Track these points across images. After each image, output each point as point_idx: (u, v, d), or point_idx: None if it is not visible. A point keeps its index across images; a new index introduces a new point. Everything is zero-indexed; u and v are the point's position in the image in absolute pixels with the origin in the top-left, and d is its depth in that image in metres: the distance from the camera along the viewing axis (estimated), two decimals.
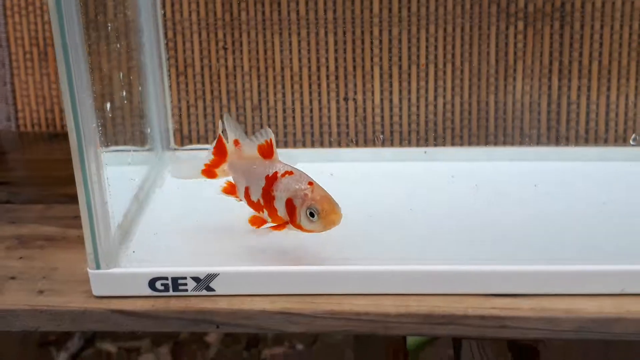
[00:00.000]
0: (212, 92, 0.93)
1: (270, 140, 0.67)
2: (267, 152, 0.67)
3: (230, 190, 0.71)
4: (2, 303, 0.65)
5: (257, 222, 0.68)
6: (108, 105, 0.70)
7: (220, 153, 0.71)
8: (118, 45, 0.76)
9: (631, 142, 0.87)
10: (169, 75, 0.89)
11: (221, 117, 0.73)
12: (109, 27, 0.74)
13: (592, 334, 0.61)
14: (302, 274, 0.64)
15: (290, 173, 0.65)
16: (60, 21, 0.58)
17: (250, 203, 0.68)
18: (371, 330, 0.63)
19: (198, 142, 0.93)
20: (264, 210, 0.67)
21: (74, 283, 0.67)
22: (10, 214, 0.81)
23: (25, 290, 0.67)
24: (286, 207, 0.64)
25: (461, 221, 0.72)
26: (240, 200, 0.70)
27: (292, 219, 0.64)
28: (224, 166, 0.71)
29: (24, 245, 0.74)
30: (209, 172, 0.72)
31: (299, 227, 0.64)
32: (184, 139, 0.93)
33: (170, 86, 0.88)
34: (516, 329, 0.62)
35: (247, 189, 0.68)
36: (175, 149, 0.88)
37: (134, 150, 0.81)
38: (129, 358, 1.45)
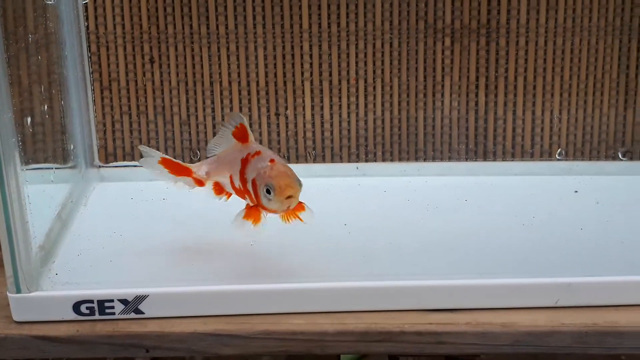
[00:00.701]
0: (138, 107, 0.90)
1: (241, 124, 0.65)
2: (241, 136, 0.65)
3: (218, 190, 0.68)
4: None
5: (252, 215, 0.63)
6: (28, 120, 0.67)
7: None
8: (39, 58, 0.73)
9: (557, 156, 0.89)
10: (93, 90, 0.86)
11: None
12: (30, 39, 0.71)
13: (528, 347, 0.61)
14: (235, 293, 0.63)
15: (259, 153, 0.63)
16: None
17: (236, 191, 0.65)
18: (308, 350, 0.62)
19: (124, 159, 0.90)
20: (246, 195, 0.64)
21: None
22: None
23: None
24: (252, 188, 0.62)
25: (395, 236, 0.72)
26: (229, 196, 0.67)
27: (257, 199, 0.62)
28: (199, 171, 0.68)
29: None
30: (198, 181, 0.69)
31: (263, 208, 0.61)
32: (108, 156, 0.90)
33: (94, 101, 0.85)
34: (453, 345, 0.61)
35: (231, 178, 0.65)
36: (100, 166, 0.85)
37: (56, 168, 0.78)
38: None
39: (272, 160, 0.62)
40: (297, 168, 0.84)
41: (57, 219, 0.72)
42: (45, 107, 0.75)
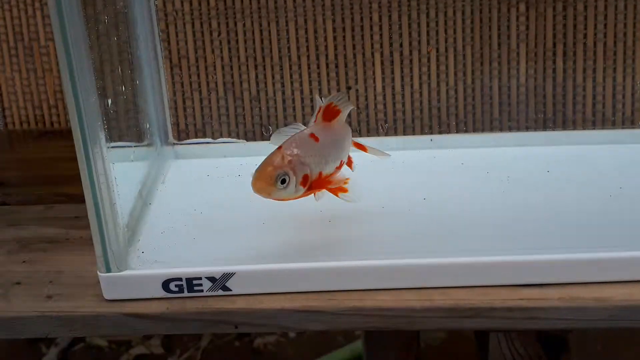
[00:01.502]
0: (208, 84, 0.90)
1: (319, 107, 0.66)
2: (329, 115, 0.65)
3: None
4: (9, 310, 0.62)
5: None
6: (109, 101, 0.67)
7: None
8: (115, 39, 0.73)
9: None
10: (164, 68, 0.86)
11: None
12: (106, 20, 0.71)
13: (623, 322, 0.60)
14: (321, 270, 0.62)
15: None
16: (61, 16, 0.55)
17: None
18: (395, 326, 0.61)
19: (195, 135, 0.90)
20: None
21: (82, 287, 0.65)
22: (8, 215, 0.78)
23: (32, 295, 0.64)
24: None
25: (478, 210, 0.70)
26: None
27: None
28: None
29: (26, 248, 0.71)
30: None
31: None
32: (180, 133, 0.90)
33: (166, 79, 0.85)
34: (545, 320, 0.60)
35: None
36: (174, 144, 0.85)
37: (135, 146, 0.78)
38: (119, 352, 1.42)
39: (279, 147, 0.62)
40: (369, 141, 0.84)
41: (139, 197, 0.73)
42: (122, 87, 0.75)
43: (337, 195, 0.64)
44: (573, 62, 0.87)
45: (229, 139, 0.87)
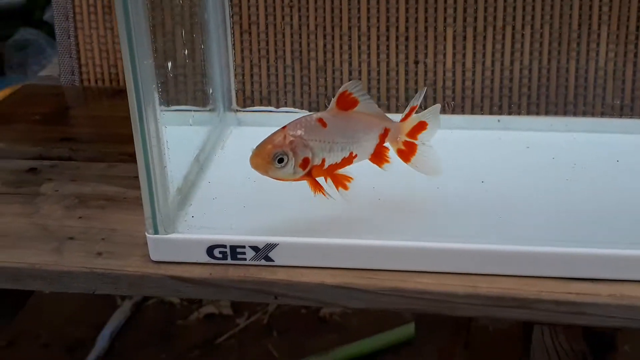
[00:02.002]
0: (276, 51, 0.89)
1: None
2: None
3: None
4: (60, 264, 0.64)
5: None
6: (169, 64, 0.68)
7: None
8: (180, 1, 0.73)
9: None
10: (232, 33, 0.86)
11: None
12: None
13: None
14: (364, 248, 0.61)
15: None
16: None
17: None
18: (436, 310, 0.60)
19: (260, 103, 0.91)
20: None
21: (132, 246, 0.66)
22: (72, 171, 0.80)
23: (83, 251, 0.66)
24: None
25: (536, 197, 0.68)
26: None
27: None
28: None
29: (84, 204, 0.73)
30: None
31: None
32: (246, 99, 0.90)
33: (233, 45, 0.85)
34: (593, 316, 0.58)
35: None
36: (237, 110, 0.85)
37: (195, 111, 0.79)
38: (190, 309, 1.47)
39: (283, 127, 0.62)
40: None
41: (195, 162, 0.74)
42: (186, 50, 0.75)
43: (336, 189, 0.63)
44: None
45: (292, 109, 0.86)
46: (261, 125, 0.84)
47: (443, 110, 0.86)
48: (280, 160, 0.60)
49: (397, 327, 1.30)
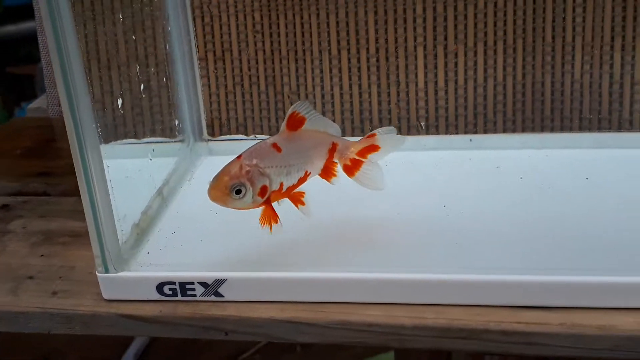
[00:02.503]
0: (250, 77, 0.89)
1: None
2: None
3: None
4: (16, 305, 0.65)
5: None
6: (119, 100, 0.68)
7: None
8: (134, 37, 0.73)
9: None
10: (199, 63, 0.86)
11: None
12: (125, 17, 0.72)
13: (629, 353, 0.54)
14: (312, 281, 0.60)
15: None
16: (54, 23, 0.55)
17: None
18: (385, 343, 0.59)
19: (237, 130, 0.90)
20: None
21: (88, 284, 0.66)
22: (44, 207, 0.81)
23: (40, 291, 0.66)
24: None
25: (496, 221, 0.66)
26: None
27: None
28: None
29: (49, 241, 0.74)
30: None
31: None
32: (222, 127, 0.90)
33: (200, 75, 0.85)
34: (544, 346, 0.56)
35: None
36: (208, 140, 0.85)
37: (162, 142, 0.79)
38: None
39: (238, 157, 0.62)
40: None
41: (158, 195, 0.74)
42: (149, 82, 0.76)
43: (297, 207, 0.63)
44: (632, 57, 0.79)
45: (264, 136, 0.86)
46: (233, 154, 0.84)
47: (417, 132, 0.86)
48: (238, 192, 0.60)
49: (377, 355, 1.28)
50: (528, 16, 0.81)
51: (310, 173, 0.64)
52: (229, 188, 0.60)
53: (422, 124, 0.84)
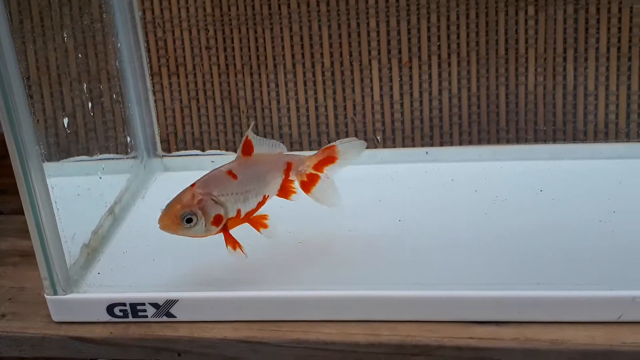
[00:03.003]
0: (205, 92, 0.88)
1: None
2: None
3: None
4: None
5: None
6: (65, 119, 0.67)
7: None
8: (84, 53, 0.72)
9: None
10: (153, 79, 0.85)
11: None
12: (74, 33, 0.70)
13: None
14: (265, 299, 0.60)
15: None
16: None
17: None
18: None
19: (193, 145, 0.89)
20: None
21: (37, 306, 0.65)
22: None
23: None
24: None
25: (448, 236, 0.66)
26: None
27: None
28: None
29: None
30: None
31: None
32: (178, 143, 0.89)
33: (154, 90, 0.84)
34: None
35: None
36: (162, 156, 0.84)
37: (115, 159, 0.78)
38: None
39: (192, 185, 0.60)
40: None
41: (109, 214, 0.72)
42: (102, 99, 0.74)
43: (258, 231, 0.62)
44: (585, 68, 0.80)
45: (219, 151, 0.85)
46: (188, 170, 0.84)
47: (373, 145, 0.85)
48: (189, 220, 0.58)
49: None
50: (481, 29, 0.82)
51: (268, 196, 0.63)
52: (179, 217, 0.58)
53: (378, 137, 0.84)
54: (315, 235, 0.68)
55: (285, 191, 0.65)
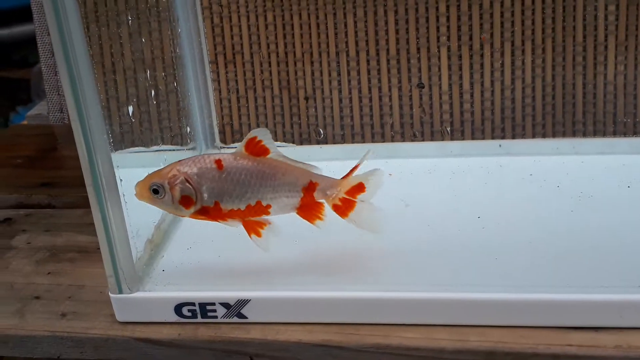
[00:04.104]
0: (263, 81, 0.84)
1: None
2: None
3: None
4: (22, 328, 0.60)
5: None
6: (130, 108, 0.63)
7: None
8: (143, 40, 0.69)
9: None
10: (210, 68, 0.81)
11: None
12: (132, 19, 0.67)
13: None
14: (343, 301, 0.56)
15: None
16: (60, 28, 0.51)
17: None
18: None
19: None
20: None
21: (99, 304, 0.62)
22: (48, 220, 0.76)
23: (48, 312, 0.62)
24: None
25: (535, 235, 0.61)
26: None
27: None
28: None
29: (55, 258, 0.69)
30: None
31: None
32: (234, 133, 0.86)
33: (212, 79, 0.81)
34: None
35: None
36: (221, 147, 0.81)
37: (175, 150, 0.74)
38: None
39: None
40: (430, 147, 0.76)
41: None
42: (160, 88, 0.71)
43: (249, 236, 0.59)
44: None
45: (280, 143, 0.82)
46: None
47: (441, 137, 0.81)
48: (155, 192, 0.58)
49: None
50: (557, 14, 0.77)
51: (271, 206, 0.59)
52: (148, 186, 0.58)
53: (447, 128, 0.80)
54: (390, 231, 0.64)
55: (307, 213, 0.60)
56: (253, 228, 0.59)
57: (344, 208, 0.60)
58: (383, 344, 0.55)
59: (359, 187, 0.60)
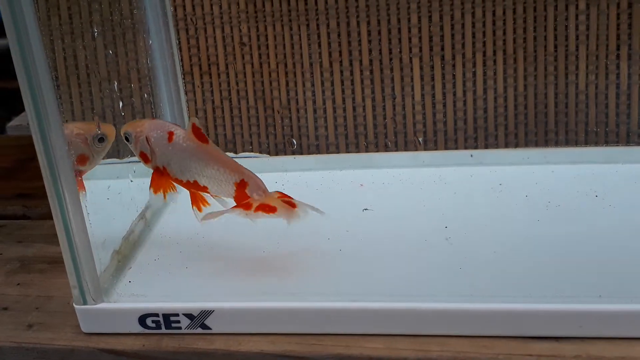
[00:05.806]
0: (238, 92, 0.85)
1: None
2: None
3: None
4: None
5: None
6: (97, 119, 0.64)
7: None
8: (123, 50, 0.69)
9: None
10: (184, 78, 0.82)
11: None
12: (104, 31, 0.68)
13: None
14: (306, 311, 0.56)
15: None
16: (19, 39, 0.51)
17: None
18: None
19: (226, 147, 0.86)
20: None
21: (65, 316, 0.62)
22: (21, 231, 0.77)
23: (15, 323, 0.62)
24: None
25: (501, 245, 0.61)
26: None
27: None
28: None
29: (25, 268, 0.69)
30: None
31: None
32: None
33: (185, 90, 0.81)
34: None
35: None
36: None
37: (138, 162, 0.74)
38: None
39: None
40: (403, 157, 0.77)
41: (140, 219, 0.69)
42: (132, 99, 0.71)
43: (192, 207, 0.63)
44: (639, 66, 0.75)
45: (252, 154, 0.82)
46: None
47: (414, 147, 0.82)
48: (127, 139, 0.64)
49: None
50: (528, 24, 0.77)
51: (206, 187, 0.61)
52: (123, 131, 0.64)
53: (420, 139, 0.80)
54: (356, 242, 0.64)
55: (242, 205, 0.60)
56: (196, 202, 0.63)
57: (268, 209, 0.59)
58: (345, 354, 0.55)
59: (271, 209, 0.59)
